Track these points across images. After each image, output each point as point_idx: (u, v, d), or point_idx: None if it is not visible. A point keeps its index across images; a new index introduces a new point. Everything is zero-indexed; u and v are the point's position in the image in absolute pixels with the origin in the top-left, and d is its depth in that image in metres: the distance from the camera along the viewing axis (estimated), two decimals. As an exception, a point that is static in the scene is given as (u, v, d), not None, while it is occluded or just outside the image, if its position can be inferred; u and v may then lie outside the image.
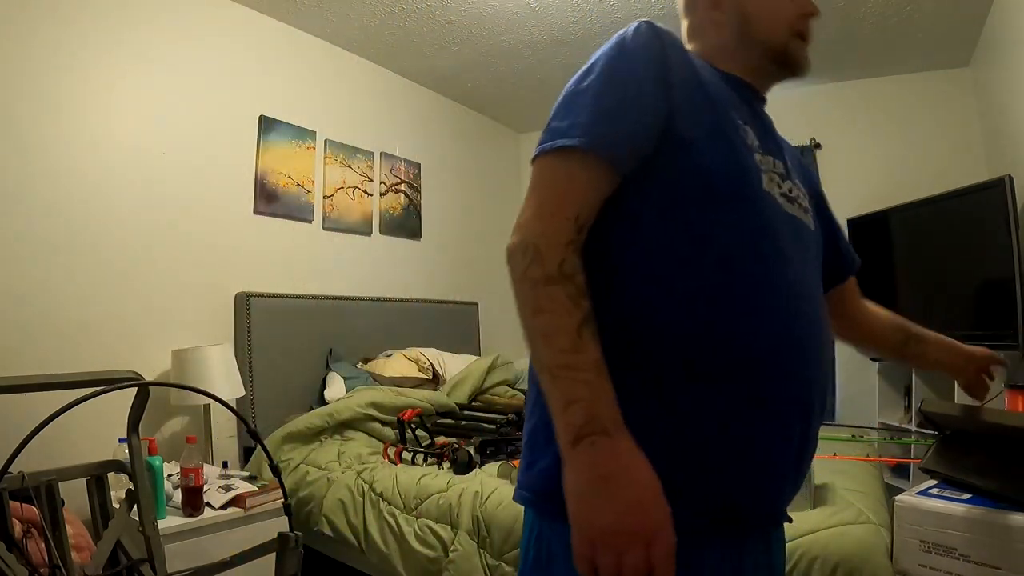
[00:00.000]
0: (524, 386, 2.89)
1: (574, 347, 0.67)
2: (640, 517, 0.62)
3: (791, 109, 3.86)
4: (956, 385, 2.78)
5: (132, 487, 1.37)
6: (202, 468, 1.99)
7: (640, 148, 0.75)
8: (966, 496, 1.42)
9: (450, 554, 1.91)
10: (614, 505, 0.62)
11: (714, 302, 0.74)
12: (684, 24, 0.98)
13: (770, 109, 0.97)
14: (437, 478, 2.12)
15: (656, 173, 0.76)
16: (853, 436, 2.85)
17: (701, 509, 0.73)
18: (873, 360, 3.40)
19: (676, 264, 0.75)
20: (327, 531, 2.20)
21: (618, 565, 0.61)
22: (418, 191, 3.78)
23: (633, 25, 0.83)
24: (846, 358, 3.67)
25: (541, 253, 0.70)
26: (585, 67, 0.80)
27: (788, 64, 0.92)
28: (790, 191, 0.86)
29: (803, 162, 1.03)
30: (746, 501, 0.77)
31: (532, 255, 0.70)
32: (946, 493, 1.46)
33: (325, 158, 3.21)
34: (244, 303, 2.72)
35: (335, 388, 2.87)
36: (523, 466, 0.82)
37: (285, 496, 1.27)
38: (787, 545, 1.58)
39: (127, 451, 1.39)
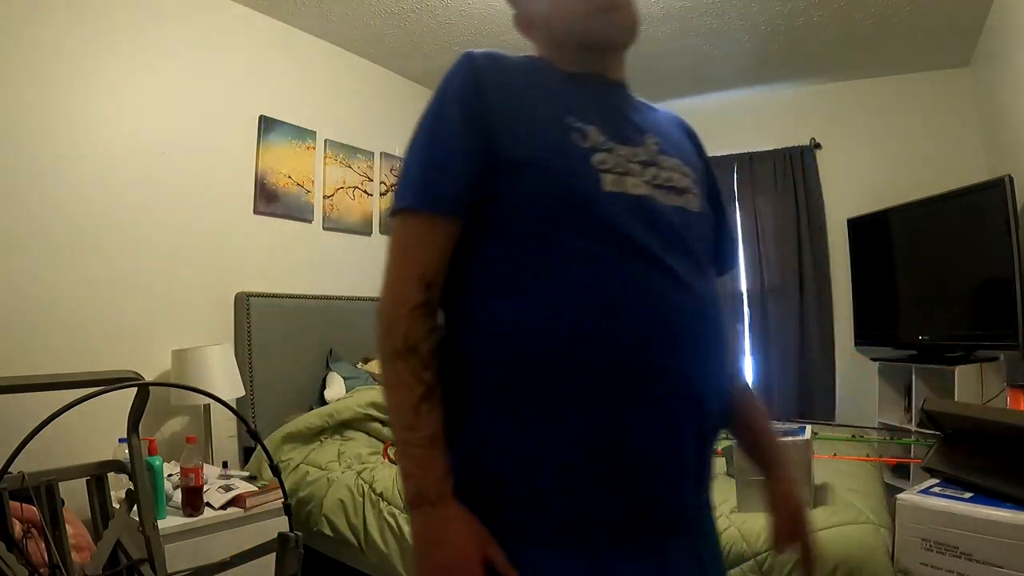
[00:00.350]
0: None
1: (411, 425, 0.74)
2: (451, 562, 0.72)
3: (791, 109, 3.87)
4: (956, 385, 2.79)
5: (132, 487, 1.37)
6: (202, 468, 1.99)
7: (470, 190, 0.78)
8: (968, 495, 1.42)
9: (450, 554, 1.91)
10: (435, 564, 0.73)
11: (563, 315, 0.75)
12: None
13: (769, 109, 0.96)
14: (437, 478, 2.12)
15: (493, 202, 0.79)
16: (853, 436, 2.85)
17: (601, 517, 0.75)
18: (873, 360, 3.40)
19: (520, 287, 0.78)
20: (327, 531, 2.20)
21: None
22: (418, 191, 3.78)
23: (454, 63, 0.85)
24: (846, 358, 3.68)
25: (391, 325, 0.76)
26: (420, 117, 0.85)
27: (600, 43, 0.90)
28: (655, 175, 0.84)
29: (691, 137, 1.01)
30: (644, 504, 0.77)
31: (385, 327, 0.77)
32: (948, 492, 1.46)
33: (325, 158, 3.21)
34: (244, 303, 2.72)
35: (335, 388, 2.86)
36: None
37: (285, 496, 1.27)
38: (788, 545, 1.58)
39: (127, 451, 1.39)
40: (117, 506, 1.43)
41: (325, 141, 3.20)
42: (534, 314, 0.76)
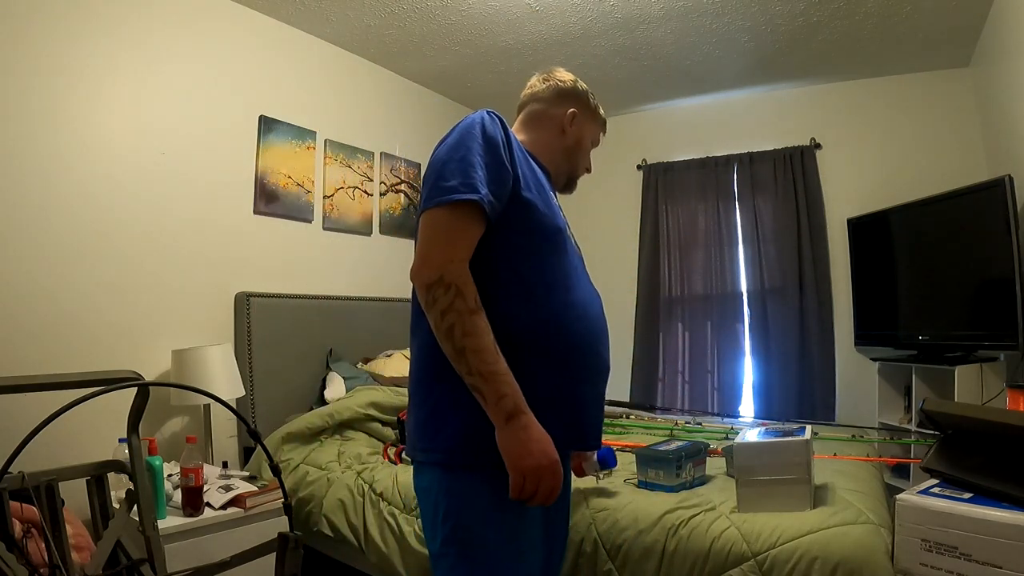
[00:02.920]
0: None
1: (495, 359, 1.02)
2: (546, 460, 1.02)
3: (791, 109, 3.87)
4: (956, 385, 2.79)
5: (132, 487, 1.37)
6: (202, 468, 1.99)
7: (503, 205, 1.09)
8: (967, 495, 1.42)
9: (450, 554, 1.91)
10: (533, 455, 1.01)
11: (546, 310, 1.13)
12: (523, 115, 1.40)
13: (769, 109, 1.03)
14: (437, 478, 2.12)
15: (508, 224, 1.09)
16: (853, 436, 2.85)
17: (561, 437, 1.10)
18: (873, 360, 3.41)
19: (522, 289, 1.12)
20: (327, 531, 2.20)
21: (538, 487, 1.02)
22: (418, 191, 3.77)
23: (483, 113, 1.15)
24: (846, 358, 3.68)
25: (462, 291, 1.02)
26: (450, 142, 1.11)
27: (567, 187, 1.41)
28: (572, 235, 1.29)
29: None
30: (578, 433, 1.19)
31: (455, 292, 1.01)
32: (947, 492, 1.46)
33: (325, 158, 3.21)
34: (244, 303, 2.72)
35: (335, 388, 2.86)
36: (427, 437, 1.13)
37: (285, 496, 1.27)
38: (787, 545, 1.59)
39: (127, 451, 1.39)
40: (117, 506, 1.43)
41: (325, 141, 3.20)
42: (550, 318, 1.13)
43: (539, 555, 1.17)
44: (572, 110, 1.36)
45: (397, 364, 3.06)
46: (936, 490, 1.48)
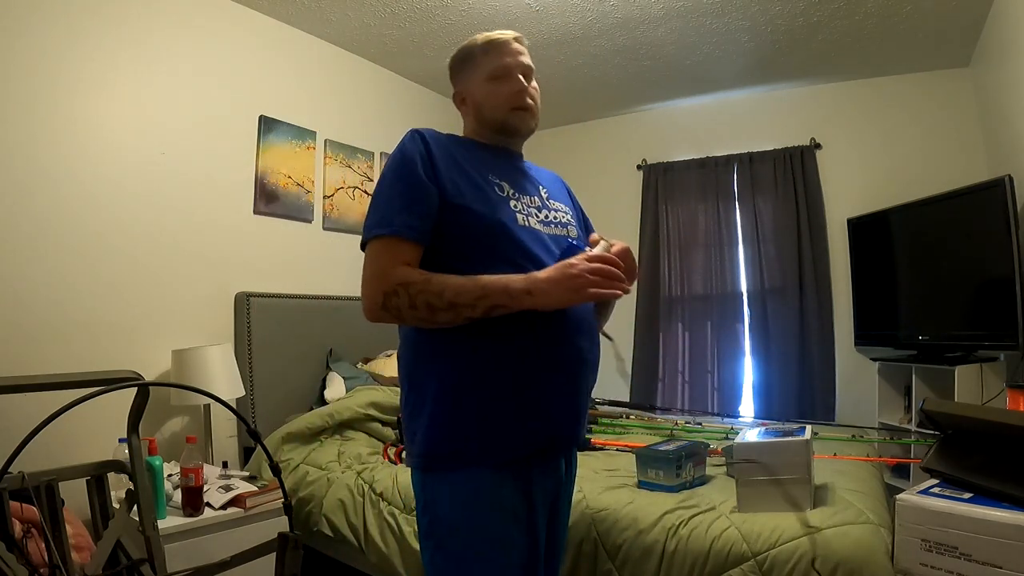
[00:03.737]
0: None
1: (474, 280, 1.07)
2: (560, 274, 1.07)
3: (791, 109, 3.87)
4: (956, 385, 2.79)
5: (132, 487, 1.37)
6: (202, 468, 1.99)
7: (428, 223, 1.12)
8: (967, 495, 1.42)
9: (450, 554, 1.91)
10: (562, 284, 1.06)
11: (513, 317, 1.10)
12: None
13: (769, 109, 1.01)
14: (437, 478, 2.12)
15: (448, 231, 1.13)
16: (853, 436, 2.85)
17: (533, 431, 1.14)
18: (873, 360, 3.41)
19: None
20: (327, 531, 2.20)
21: (593, 280, 1.06)
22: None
23: (407, 135, 1.20)
24: (846, 358, 3.68)
25: (406, 281, 1.07)
26: (379, 178, 1.19)
27: (511, 131, 1.28)
28: (547, 216, 1.25)
29: (567, 188, 1.45)
30: (550, 424, 1.17)
31: (403, 286, 1.07)
32: (947, 492, 1.46)
33: (325, 158, 3.21)
34: (244, 303, 2.72)
35: (335, 388, 2.86)
36: (407, 442, 1.19)
37: (285, 496, 1.27)
38: (787, 545, 1.59)
39: (127, 451, 1.39)
40: (117, 506, 1.43)
41: (325, 141, 3.20)
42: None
43: (517, 552, 1.14)
44: (455, 91, 1.33)
45: (397, 364, 3.06)
46: (936, 490, 1.48)
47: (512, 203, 1.20)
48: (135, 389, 1.35)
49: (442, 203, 1.13)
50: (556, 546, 1.30)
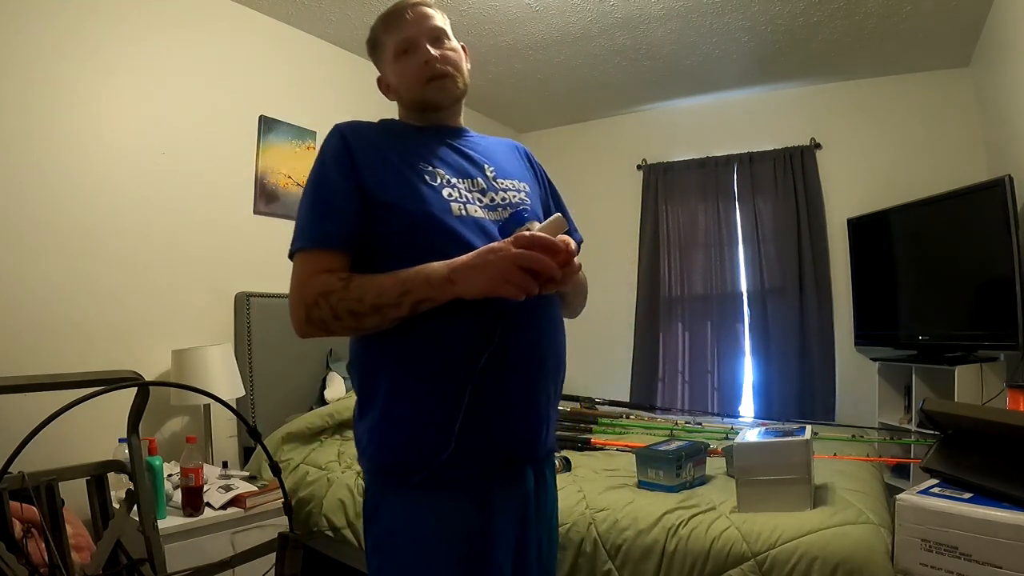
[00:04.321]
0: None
1: (391, 276, 0.96)
2: (481, 260, 0.93)
3: (791, 109, 3.87)
4: (956, 385, 2.80)
5: (132, 487, 1.37)
6: (202, 468, 1.99)
7: (352, 228, 1.02)
8: (967, 495, 1.42)
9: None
10: (479, 269, 0.92)
11: (442, 319, 0.99)
12: None
13: (769, 109, 0.99)
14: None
15: (375, 231, 1.03)
16: (853, 436, 2.85)
17: (493, 441, 1.02)
18: (873, 360, 3.41)
19: None
20: (327, 531, 2.20)
21: (517, 275, 0.90)
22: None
23: (327, 136, 1.10)
24: (846, 358, 3.68)
25: (325, 290, 0.98)
26: (307, 181, 1.09)
27: (433, 106, 1.16)
28: (492, 199, 1.11)
29: (525, 156, 1.29)
30: (508, 431, 1.03)
31: (322, 297, 0.98)
32: (947, 492, 1.46)
33: (325, 158, 3.21)
34: (244, 303, 2.72)
35: (335, 388, 2.86)
36: (356, 446, 1.09)
37: (285, 496, 1.27)
38: (787, 545, 1.59)
39: (127, 451, 1.39)
40: (117, 506, 1.43)
41: (325, 141, 3.20)
42: (424, 318, 0.98)
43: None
44: (377, 79, 1.26)
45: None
46: (936, 490, 1.48)
47: (446, 192, 1.06)
48: (135, 389, 1.35)
49: (368, 203, 1.03)
50: (540, 566, 1.13)
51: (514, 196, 1.14)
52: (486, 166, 1.15)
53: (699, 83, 3.82)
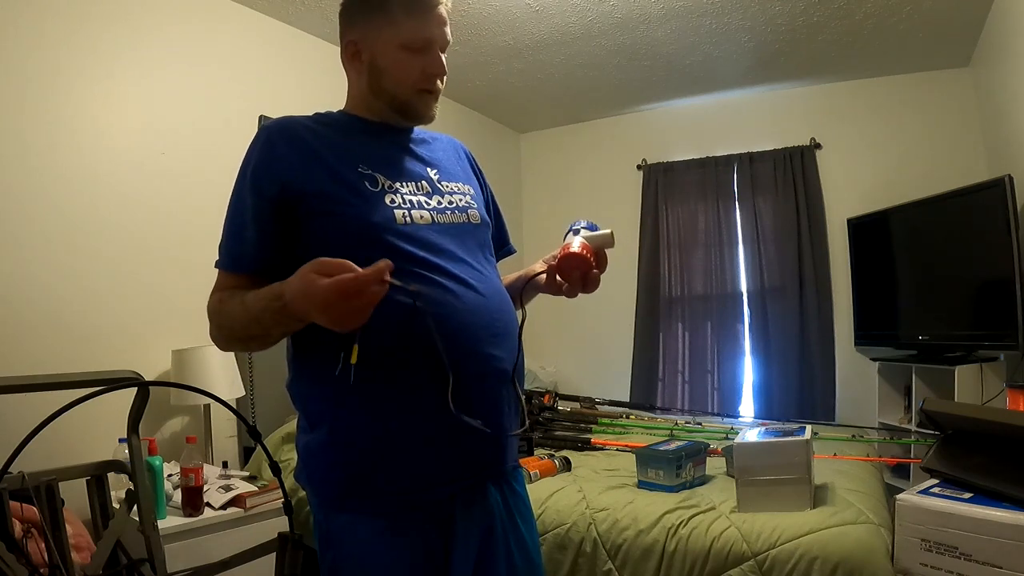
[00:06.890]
0: (527, 385, 2.88)
1: (242, 310, 0.93)
2: (296, 290, 0.85)
3: (791, 109, 3.87)
4: (956, 385, 2.80)
5: (132, 487, 1.37)
6: (202, 468, 1.99)
7: (258, 247, 0.99)
8: (967, 495, 1.42)
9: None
10: (301, 298, 0.84)
11: (378, 316, 0.87)
12: None
13: (769, 109, 0.98)
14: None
15: (310, 243, 0.96)
16: (853, 436, 2.85)
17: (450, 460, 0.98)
18: (873, 360, 3.41)
19: None
20: (327, 531, 2.19)
21: (337, 306, 0.81)
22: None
23: (254, 137, 1.04)
24: (846, 358, 3.68)
25: (216, 315, 0.98)
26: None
27: (410, 116, 1.08)
28: (439, 203, 1.05)
29: (467, 157, 1.23)
30: (467, 461, 0.99)
31: (215, 320, 0.99)
32: (947, 492, 1.46)
33: (325, 158, 3.20)
34: (244, 303, 2.71)
35: (335, 388, 2.86)
36: (298, 461, 1.07)
37: (285, 496, 1.27)
38: (787, 545, 1.59)
39: (127, 451, 1.39)
40: (117, 506, 1.43)
41: (325, 141, 3.20)
42: (388, 318, 0.90)
43: None
44: (349, 39, 1.08)
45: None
46: (936, 490, 1.48)
47: (388, 198, 0.99)
48: (135, 389, 1.35)
49: (299, 211, 0.96)
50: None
51: (459, 199, 1.09)
52: (430, 168, 1.10)
53: (699, 83, 3.82)
